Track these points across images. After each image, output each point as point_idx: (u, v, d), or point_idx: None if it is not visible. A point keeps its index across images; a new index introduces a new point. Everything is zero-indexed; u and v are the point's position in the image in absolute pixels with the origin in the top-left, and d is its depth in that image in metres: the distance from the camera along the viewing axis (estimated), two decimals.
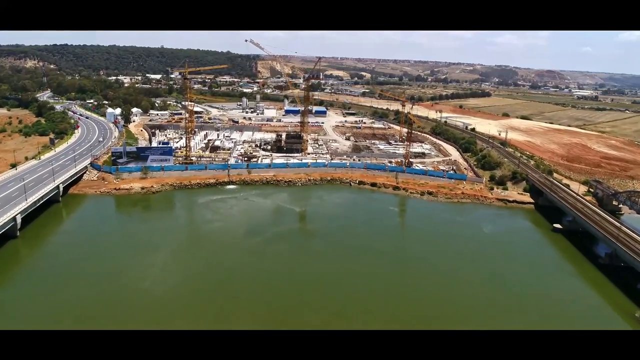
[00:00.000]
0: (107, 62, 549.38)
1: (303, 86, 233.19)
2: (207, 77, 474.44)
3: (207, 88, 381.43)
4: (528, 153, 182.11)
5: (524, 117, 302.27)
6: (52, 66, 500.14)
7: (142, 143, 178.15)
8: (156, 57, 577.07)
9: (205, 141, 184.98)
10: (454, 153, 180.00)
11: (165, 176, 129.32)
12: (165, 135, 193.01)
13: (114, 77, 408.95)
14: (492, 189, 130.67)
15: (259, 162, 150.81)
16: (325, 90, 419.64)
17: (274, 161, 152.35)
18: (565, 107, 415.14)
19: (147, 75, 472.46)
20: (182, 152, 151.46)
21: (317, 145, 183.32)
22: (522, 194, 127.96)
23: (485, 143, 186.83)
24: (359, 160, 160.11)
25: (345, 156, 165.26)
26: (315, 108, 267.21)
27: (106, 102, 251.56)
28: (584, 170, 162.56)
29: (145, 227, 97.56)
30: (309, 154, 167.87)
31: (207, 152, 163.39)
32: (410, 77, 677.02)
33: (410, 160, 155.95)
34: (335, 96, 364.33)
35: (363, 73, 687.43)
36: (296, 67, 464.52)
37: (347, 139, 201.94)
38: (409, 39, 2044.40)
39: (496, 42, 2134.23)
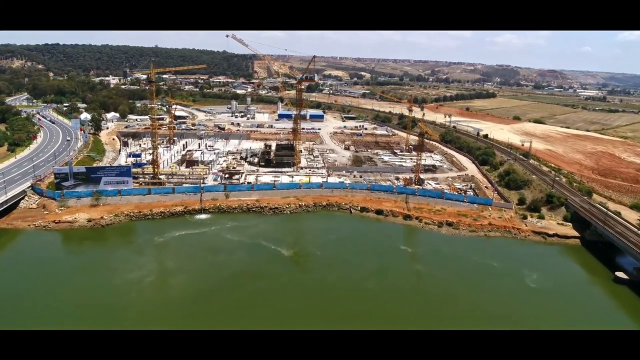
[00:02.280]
0: (98, 62, 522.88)
1: (317, 80, 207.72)
2: (201, 78, 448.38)
3: (198, 89, 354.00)
4: (553, 165, 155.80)
5: (537, 121, 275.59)
6: (40, 66, 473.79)
7: (111, 155, 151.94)
8: (149, 56, 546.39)
9: (184, 152, 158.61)
10: (470, 166, 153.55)
11: (122, 203, 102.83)
12: (140, 145, 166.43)
13: (100, 78, 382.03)
14: (524, 217, 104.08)
15: (242, 180, 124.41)
16: (323, 92, 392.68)
17: (260, 178, 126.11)
18: (575, 109, 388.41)
19: (137, 76, 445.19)
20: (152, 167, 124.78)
21: (312, 157, 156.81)
22: (562, 224, 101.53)
23: (505, 154, 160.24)
24: (361, 176, 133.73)
25: (344, 171, 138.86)
26: (310, 112, 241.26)
27: (81, 106, 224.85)
28: (623, 188, 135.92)
29: (72, 284, 70.52)
30: (302, 168, 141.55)
31: (183, 167, 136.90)
32: (411, 77, 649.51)
33: (421, 177, 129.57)
34: (334, 98, 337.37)
35: (362, 73, 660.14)
36: (294, 67, 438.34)
37: (347, 148, 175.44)
38: (408, 39, 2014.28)
39: (496, 41, 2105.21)
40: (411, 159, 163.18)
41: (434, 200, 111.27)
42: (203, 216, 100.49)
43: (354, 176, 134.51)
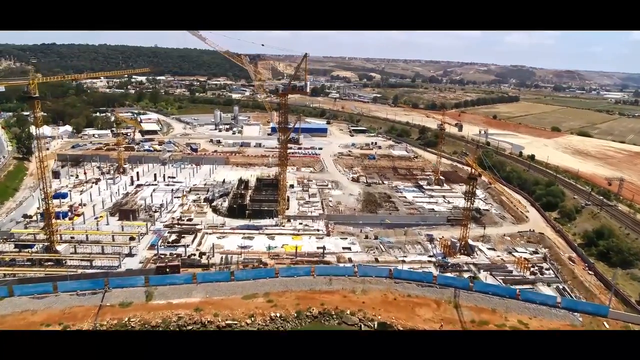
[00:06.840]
0: (92, 63, 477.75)
1: (309, 92, 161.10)
2: (198, 79, 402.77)
3: (188, 93, 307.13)
4: None
5: (580, 133, 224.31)
6: (29, 67, 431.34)
7: (23, 195, 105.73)
8: (147, 57, 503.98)
9: (132, 188, 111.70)
10: (529, 211, 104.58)
11: None
12: (77, 176, 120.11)
13: (88, 80, 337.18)
14: None
15: (195, 243, 77.54)
16: (330, 95, 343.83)
17: (222, 241, 79.27)
18: (612, 115, 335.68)
19: (132, 76, 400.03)
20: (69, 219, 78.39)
21: (307, 198, 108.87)
22: None
23: (578, 194, 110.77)
24: (375, 237, 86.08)
25: (351, 226, 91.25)
26: (309, 123, 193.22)
27: (29, 116, 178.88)
28: None
29: None
30: (289, 219, 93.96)
31: (115, 219, 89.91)
32: (423, 79, 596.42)
33: (470, 242, 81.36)
34: (341, 104, 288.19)
35: (372, 74, 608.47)
36: (301, 68, 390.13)
37: (355, 179, 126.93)
38: (413, 38, 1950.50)
39: (504, 40, 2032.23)
40: (444, 196, 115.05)
41: (502, 302, 62.76)
42: None
43: (366, 236, 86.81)
